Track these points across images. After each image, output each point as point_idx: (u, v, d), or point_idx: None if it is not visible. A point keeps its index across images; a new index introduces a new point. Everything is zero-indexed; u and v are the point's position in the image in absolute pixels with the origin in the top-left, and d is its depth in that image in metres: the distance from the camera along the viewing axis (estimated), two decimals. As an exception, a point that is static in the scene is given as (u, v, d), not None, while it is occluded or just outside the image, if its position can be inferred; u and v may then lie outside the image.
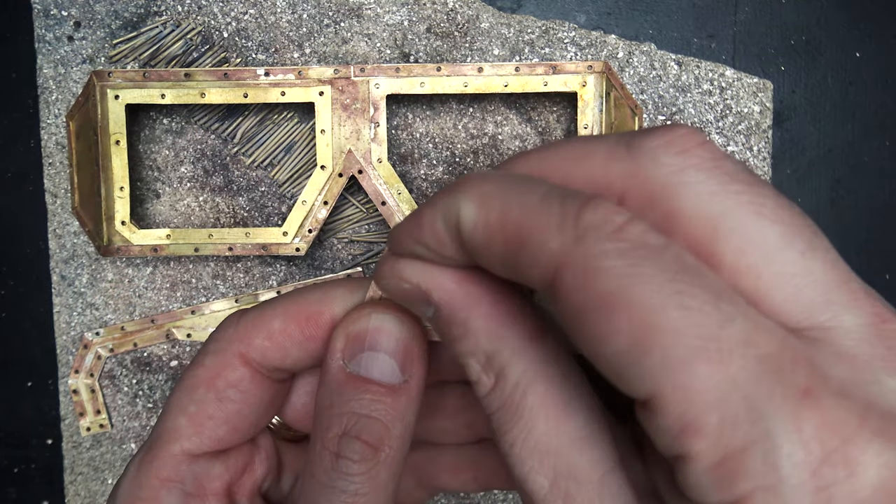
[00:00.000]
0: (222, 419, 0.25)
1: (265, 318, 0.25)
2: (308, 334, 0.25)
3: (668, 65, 0.41)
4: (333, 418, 0.23)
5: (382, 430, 0.23)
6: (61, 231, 0.42)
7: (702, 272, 0.16)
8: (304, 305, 0.25)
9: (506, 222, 0.18)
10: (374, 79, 0.39)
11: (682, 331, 0.15)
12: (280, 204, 0.42)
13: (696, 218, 0.18)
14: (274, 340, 0.25)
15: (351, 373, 0.24)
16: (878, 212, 0.43)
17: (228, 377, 0.25)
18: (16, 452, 0.44)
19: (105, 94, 0.39)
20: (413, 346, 0.24)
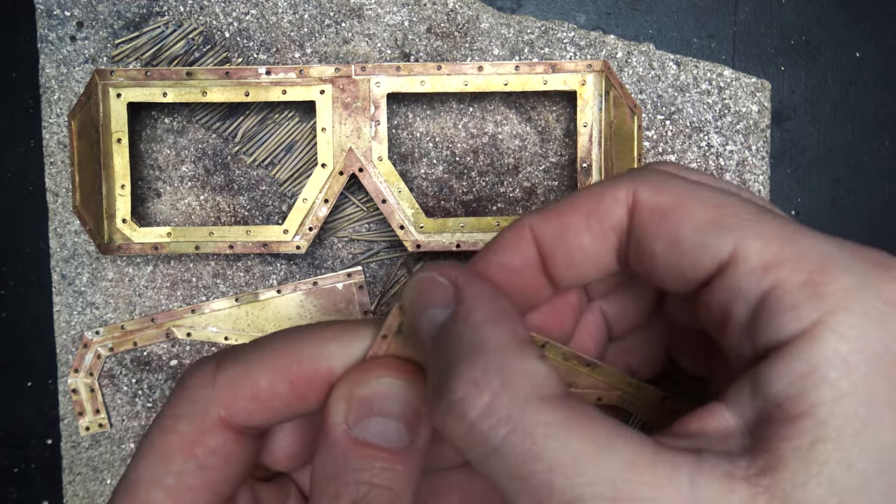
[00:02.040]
0: (205, 488, 0.23)
1: (250, 375, 0.22)
2: (299, 393, 0.23)
3: (666, 65, 0.41)
4: (341, 487, 0.22)
5: (393, 497, 0.22)
6: (62, 230, 0.42)
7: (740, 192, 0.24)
8: (295, 361, 0.23)
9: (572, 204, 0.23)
10: (374, 77, 0.39)
11: (747, 203, 0.21)
12: (281, 203, 0.42)
13: None
14: (260, 402, 0.22)
15: (357, 438, 0.22)
16: (878, 212, 0.43)
17: (209, 444, 0.22)
18: (16, 452, 0.44)
19: (107, 93, 0.39)
20: (420, 406, 0.23)
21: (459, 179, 0.42)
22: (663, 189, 0.22)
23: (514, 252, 0.23)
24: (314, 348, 0.23)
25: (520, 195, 0.42)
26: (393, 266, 0.42)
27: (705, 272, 0.21)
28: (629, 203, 0.22)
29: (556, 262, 0.23)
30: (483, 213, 0.42)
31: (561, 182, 0.42)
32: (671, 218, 0.21)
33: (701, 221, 0.21)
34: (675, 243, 0.21)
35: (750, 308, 0.20)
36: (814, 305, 0.19)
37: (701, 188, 0.22)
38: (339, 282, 0.42)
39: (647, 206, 0.22)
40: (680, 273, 0.22)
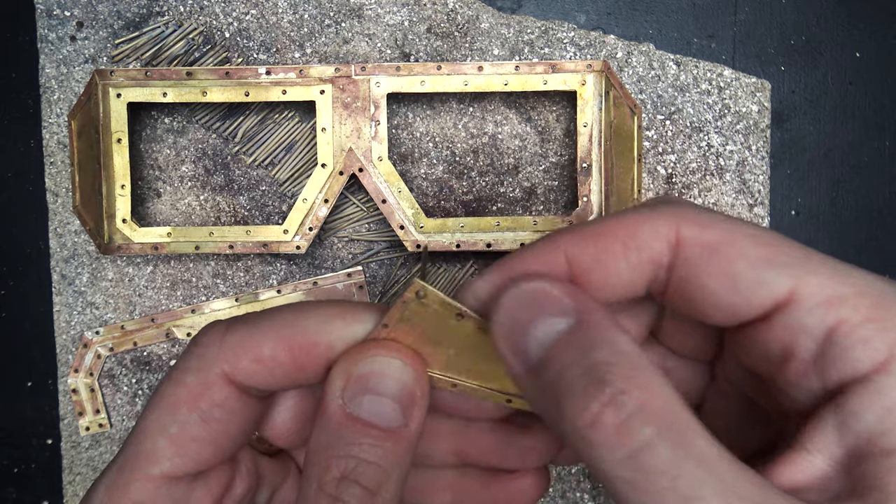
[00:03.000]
0: (207, 440, 0.24)
1: (255, 340, 0.24)
2: (299, 363, 0.24)
3: (666, 65, 0.41)
4: (332, 460, 0.23)
5: (381, 475, 0.23)
6: (62, 230, 0.42)
7: None
8: (299, 333, 0.24)
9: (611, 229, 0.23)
10: (374, 77, 0.39)
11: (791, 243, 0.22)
12: (281, 203, 0.42)
13: None
14: (262, 364, 0.24)
15: (351, 414, 0.23)
16: (878, 212, 0.43)
17: (213, 397, 0.24)
18: (16, 452, 0.44)
19: (107, 93, 0.39)
20: (416, 390, 0.24)
21: (459, 179, 0.42)
22: (709, 225, 0.22)
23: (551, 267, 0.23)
24: (317, 323, 0.24)
25: (520, 195, 0.42)
26: (393, 266, 0.42)
27: (761, 308, 0.22)
28: (671, 238, 0.23)
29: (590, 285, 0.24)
30: (483, 213, 0.42)
31: (561, 182, 0.42)
32: (724, 255, 0.22)
33: (755, 259, 0.22)
34: (729, 280, 0.22)
35: (816, 344, 0.21)
36: (883, 338, 0.20)
37: (744, 226, 0.22)
38: (339, 282, 0.42)
39: (696, 243, 0.22)
40: (731, 309, 0.22)
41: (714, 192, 0.41)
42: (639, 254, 0.23)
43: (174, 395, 0.24)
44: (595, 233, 0.23)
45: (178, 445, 0.23)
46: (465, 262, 0.42)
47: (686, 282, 0.23)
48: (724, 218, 0.23)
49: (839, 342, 0.20)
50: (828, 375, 0.21)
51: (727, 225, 0.22)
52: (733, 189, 0.41)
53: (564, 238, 0.23)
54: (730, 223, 0.22)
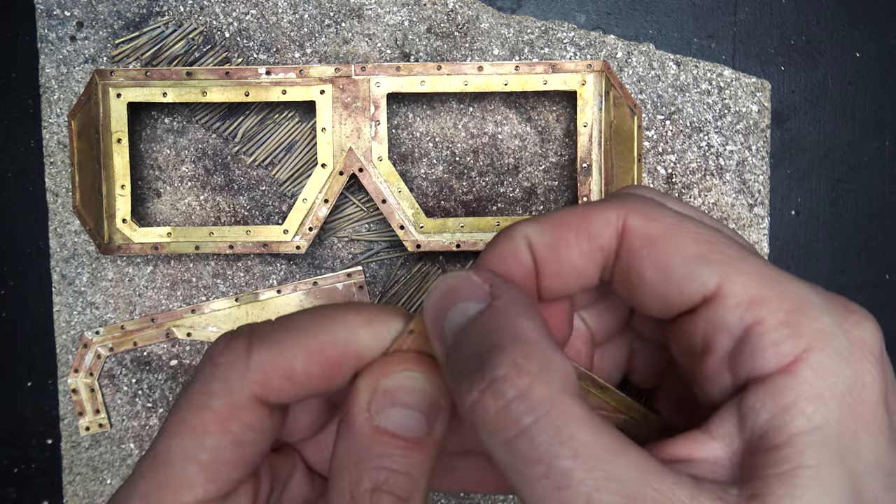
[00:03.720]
0: (240, 463, 0.23)
1: (284, 356, 0.23)
2: (329, 374, 0.24)
3: (666, 65, 0.41)
4: (363, 472, 0.23)
5: (411, 483, 0.23)
6: (62, 230, 0.42)
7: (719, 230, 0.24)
8: (329, 345, 0.23)
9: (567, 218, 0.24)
10: (374, 77, 0.39)
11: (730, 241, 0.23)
12: (281, 203, 0.42)
13: None
14: (293, 381, 0.23)
15: (378, 427, 0.23)
16: (878, 212, 0.43)
17: (244, 420, 0.23)
18: (16, 452, 0.44)
19: (107, 93, 0.39)
20: (440, 399, 0.24)
21: (459, 179, 0.42)
22: (653, 217, 0.24)
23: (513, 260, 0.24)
24: (346, 332, 0.24)
25: (520, 195, 0.42)
26: (393, 266, 0.42)
27: (690, 301, 0.23)
28: (619, 227, 0.24)
29: (546, 273, 0.25)
30: (483, 213, 0.42)
31: (561, 182, 0.42)
32: (661, 247, 0.23)
33: (690, 253, 0.23)
34: (663, 271, 0.23)
35: (733, 340, 0.22)
36: (793, 343, 0.21)
37: (688, 221, 0.24)
38: (339, 282, 0.42)
39: (638, 233, 0.23)
40: (665, 299, 0.23)
41: (714, 192, 0.41)
42: (590, 241, 0.24)
43: (201, 420, 0.23)
44: (552, 221, 0.24)
45: (209, 472, 0.23)
46: (466, 262, 0.42)
47: (627, 270, 0.24)
48: (673, 213, 0.24)
49: (752, 341, 0.21)
50: (738, 372, 0.22)
51: (672, 220, 0.23)
52: (733, 189, 0.41)
53: (525, 226, 0.24)
54: (676, 219, 0.23)
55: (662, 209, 0.24)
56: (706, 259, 0.22)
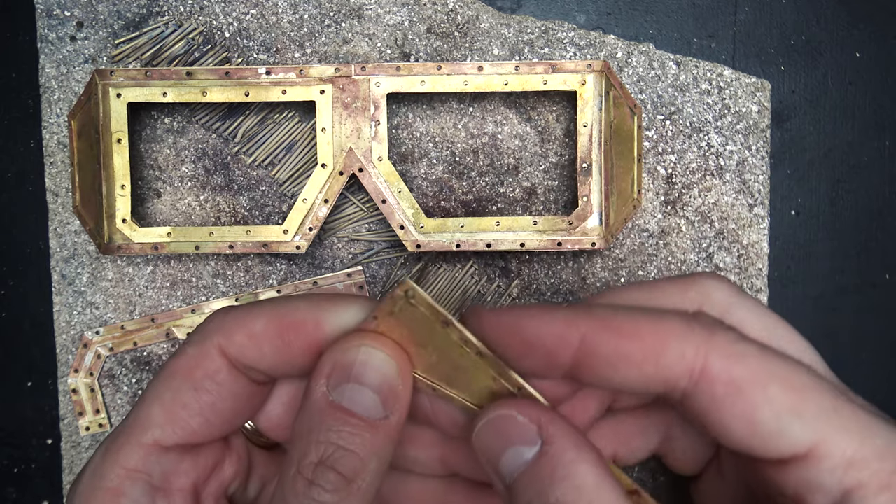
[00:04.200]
0: (196, 409, 0.25)
1: (250, 318, 0.25)
2: (287, 341, 0.24)
3: (666, 65, 0.41)
4: (311, 445, 0.23)
5: (358, 463, 0.23)
6: (62, 230, 0.42)
7: None
8: (290, 313, 0.25)
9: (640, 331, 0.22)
10: (374, 77, 0.39)
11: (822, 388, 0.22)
12: (281, 203, 0.42)
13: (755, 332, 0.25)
14: (253, 340, 0.24)
15: (333, 401, 0.24)
16: (878, 212, 0.43)
17: (206, 367, 0.25)
18: (16, 452, 0.44)
19: (107, 93, 0.39)
20: (398, 384, 0.24)
21: (459, 179, 0.42)
22: (738, 359, 0.22)
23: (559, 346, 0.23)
24: (308, 307, 0.25)
25: (520, 195, 0.42)
26: (393, 266, 0.42)
27: (779, 457, 0.22)
28: (696, 369, 0.22)
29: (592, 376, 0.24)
30: (483, 213, 0.42)
31: (561, 182, 0.42)
32: (748, 396, 0.22)
33: (780, 406, 0.21)
34: (750, 424, 0.22)
35: (831, 501, 0.21)
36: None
37: (775, 361, 0.22)
38: (339, 282, 0.42)
39: (722, 379, 0.22)
40: (749, 450, 0.22)
41: (714, 192, 0.41)
42: (656, 371, 0.23)
43: (173, 364, 0.25)
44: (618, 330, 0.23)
45: (169, 412, 0.24)
46: (466, 262, 0.42)
47: (705, 413, 0.22)
48: (757, 350, 0.22)
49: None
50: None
51: (758, 361, 0.22)
52: (733, 189, 0.41)
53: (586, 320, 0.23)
54: (761, 358, 0.22)
55: (748, 345, 0.22)
56: (798, 414, 0.21)
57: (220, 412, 0.25)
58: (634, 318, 0.23)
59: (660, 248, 0.42)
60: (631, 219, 0.41)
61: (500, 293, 0.42)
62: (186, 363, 0.25)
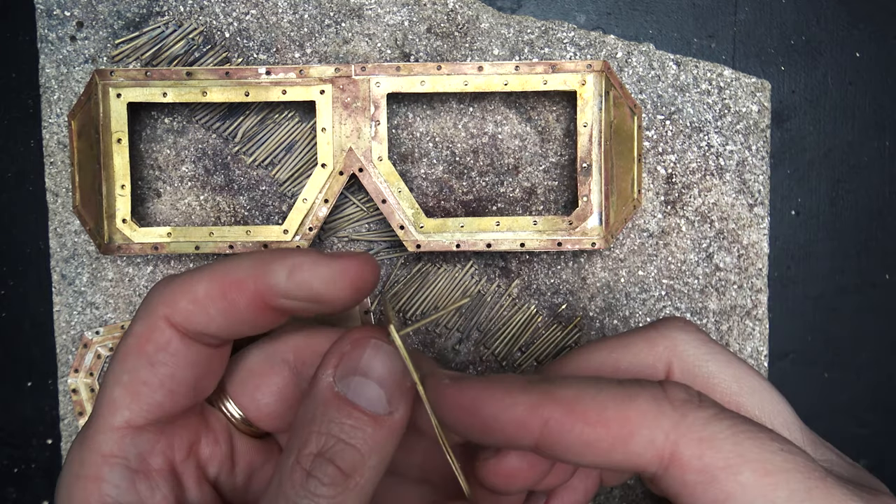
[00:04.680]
0: (157, 384, 0.25)
1: (191, 283, 0.25)
2: (232, 301, 0.24)
3: (666, 65, 0.41)
4: (312, 435, 0.23)
5: (357, 458, 0.23)
6: (62, 230, 0.42)
7: None
8: (230, 272, 0.25)
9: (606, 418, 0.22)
10: (374, 77, 0.39)
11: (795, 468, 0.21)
12: (281, 203, 0.42)
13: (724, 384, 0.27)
14: (198, 304, 0.24)
15: (339, 392, 0.23)
16: (878, 212, 0.43)
17: (157, 340, 0.25)
18: (16, 452, 0.44)
19: (107, 93, 0.39)
20: (404, 381, 0.24)
21: (459, 179, 0.42)
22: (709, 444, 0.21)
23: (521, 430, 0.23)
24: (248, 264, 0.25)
25: (520, 195, 0.42)
26: (393, 266, 0.42)
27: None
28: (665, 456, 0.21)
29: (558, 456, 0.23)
30: (483, 213, 0.42)
31: (561, 182, 0.42)
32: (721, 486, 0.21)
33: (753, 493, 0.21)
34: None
35: None
36: None
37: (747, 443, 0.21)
38: (339, 282, 0.42)
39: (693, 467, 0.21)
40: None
41: (714, 192, 0.41)
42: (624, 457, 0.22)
43: (125, 346, 0.25)
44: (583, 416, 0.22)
45: (131, 392, 0.24)
46: (466, 262, 0.42)
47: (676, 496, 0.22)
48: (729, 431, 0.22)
49: None
50: None
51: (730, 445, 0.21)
52: (733, 189, 0.41)
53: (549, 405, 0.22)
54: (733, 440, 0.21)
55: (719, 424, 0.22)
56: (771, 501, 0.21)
57: (181, 381, 0.25)
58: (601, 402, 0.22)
59: (660, 248, 0.42)
60: (631, 219, 0.41)
61: (500, 293, 0.42)
62: (136, 341, 0.25)
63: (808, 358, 0.43)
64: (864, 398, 0.43)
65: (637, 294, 0.42)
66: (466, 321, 0.42)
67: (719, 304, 0.42)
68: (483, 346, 0.42)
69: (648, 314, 0.42)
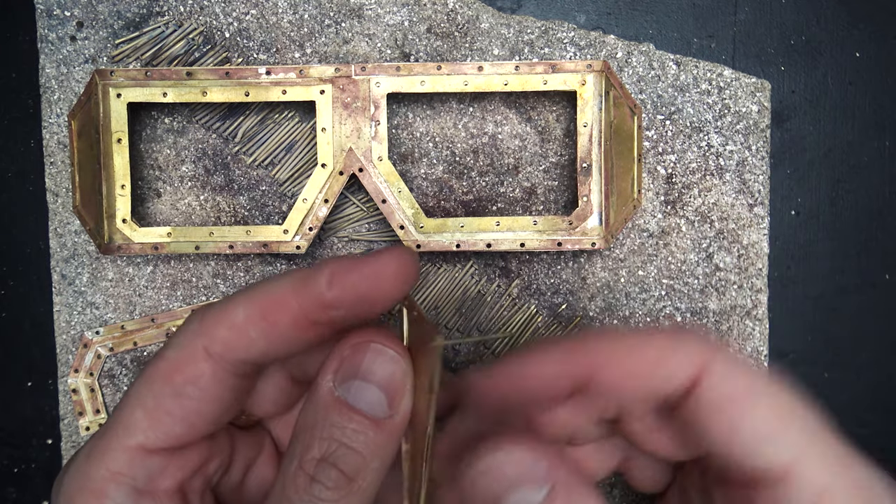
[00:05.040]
0: (179, 416, 0.24)
1: (229, 310, 0.24)
2: (273, 321, 0.24)
3: (666, 65, 0.41)
4: (314, 440, 0.23)
5: (360, 462, 0.23)
6: (62, 230, 0.42)
7: None
8: (268, 293, 0.24)
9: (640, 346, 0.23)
10: (374, 77, 0.39)
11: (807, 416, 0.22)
12: (281, 203, 0.42)
13: None
14: (237, 330, 0.24)
15: (339, 397, 0.23)
16: (878, 212, 0.43)
17: (187, 372, 0.24)
18: (16, 452, 0.44)
19: (107, 93, 0.39)
20: (404, 383, 0.24)
21: (459, 179, 0.42)
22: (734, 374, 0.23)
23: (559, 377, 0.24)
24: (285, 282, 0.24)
25: (520, 195, 0.42)
26: (393, 266, 0.42)
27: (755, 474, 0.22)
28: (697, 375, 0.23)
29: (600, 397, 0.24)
30: (483, 213, 0.42)
31: (561, 182, 0.42)
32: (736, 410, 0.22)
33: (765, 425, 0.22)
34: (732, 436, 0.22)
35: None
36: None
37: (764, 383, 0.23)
38: (339, 282, 0.42)
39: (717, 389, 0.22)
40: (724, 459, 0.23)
41: (714, 192, 0.41)
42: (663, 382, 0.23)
43: (155, 368, 0.25)
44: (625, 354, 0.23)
45: (152, 418, 0.24)
46: (466, 262, 0.42)
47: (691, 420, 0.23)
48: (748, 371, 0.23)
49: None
50: None
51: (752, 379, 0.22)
52: (733, 189, 0.41)
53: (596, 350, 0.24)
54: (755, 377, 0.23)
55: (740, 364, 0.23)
56: (782, 435, 0.22)
57: (204, 416, 0.25)
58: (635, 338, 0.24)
59: (660, 248, 0.42)
60: (631, 219, 0.41)
61: (500, 293, 0.42)
62: (168, 366, 0.24)
63: (808, 358, 0.43)
64: (864, 398, 0.43)
65: (637, 294, 0.42)
66: (466, 321, 0.42)
67: (719, 304, 0.42)
68: (483, 346, 0.42)
69: (648, 314, 0.42)
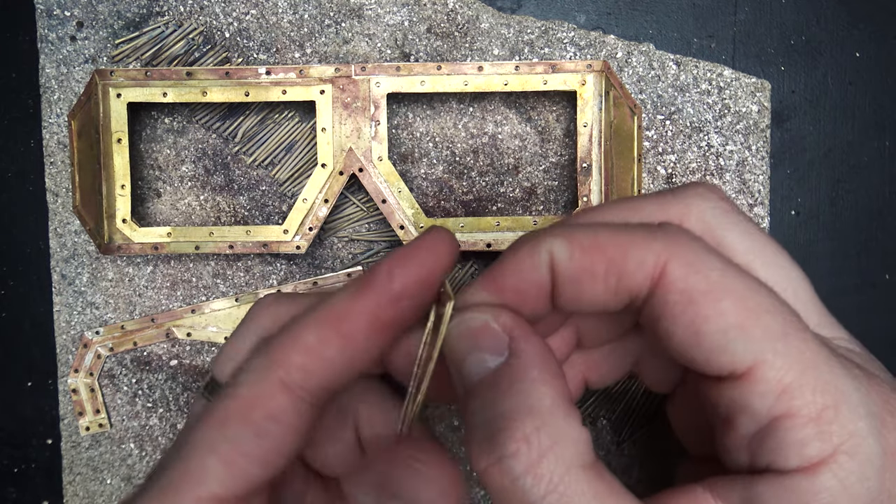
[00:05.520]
0: (257, 456, 0.22)
1: (297, 335, 0.23)
2: (346, 333, 0.23)
3: (666, 65, 0.41)
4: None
5: None
6: (62, 230, 0.42)
7: None
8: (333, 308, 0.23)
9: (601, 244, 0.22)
10: (374, 77, 0.39)
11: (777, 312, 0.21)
12: (281, 203, 0.42)
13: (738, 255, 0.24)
14: (312, 353, 0.23)
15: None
16: (878, 212, 0.43)
17: (268, 407, 0.22)
18: (16, 452, 0.44)
19: (107, 93, 0.39)
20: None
21: (459, 179, 0.42)
22: (697, 269, 0.21)
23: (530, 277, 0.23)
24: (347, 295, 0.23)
25: (520, 195, 0.42)
26: (393, 266, 0.42)
27: (717, 373, 0.21)
28: (655, 273, 0.22)
29: (564, 296, 0.23)
30: (483, 213, 0.42)
31: (561, 182, 0.42)
32: (699, 308, 0.21)
33: (728, 322, 0.21)
34: (695, 335, 0.21)
35: (757, 426, 0.21)
36: (820, 444, 0.20)
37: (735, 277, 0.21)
38: (339, 282, 0.42)
39: (677, 287, 0.21)
40: (689, 359, 0.22)
41: (714, 192, 0.41)
42: (619, 280, 0.22)
43: (226, 408, 0.23)
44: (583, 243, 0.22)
45: (226, 463, 0.22)
46: (466, 262, 0.42)
47: (656, 319, 0.22)
48: (720, 264, 0.22)
49: (778, 434, 0.20)
50: (757, 457, 0.21)
51: (717, 274, 0.21)
52: (733, 189, 0.41)
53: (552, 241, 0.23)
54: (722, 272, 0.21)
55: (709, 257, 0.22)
56: (744, 333, 0.21)
57: (283, 454, 0.23)
58: (595, 233, 0.23)
59: (660, 248, 0.42)
60: (631, 219, 0.41)
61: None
62: (243, 405, 0.22)
63: (808, 358, 0.43)
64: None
65: (637, 294, 0.42)
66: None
67: (719, 304, 0.42)
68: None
69: (648, 314, 0.42)
